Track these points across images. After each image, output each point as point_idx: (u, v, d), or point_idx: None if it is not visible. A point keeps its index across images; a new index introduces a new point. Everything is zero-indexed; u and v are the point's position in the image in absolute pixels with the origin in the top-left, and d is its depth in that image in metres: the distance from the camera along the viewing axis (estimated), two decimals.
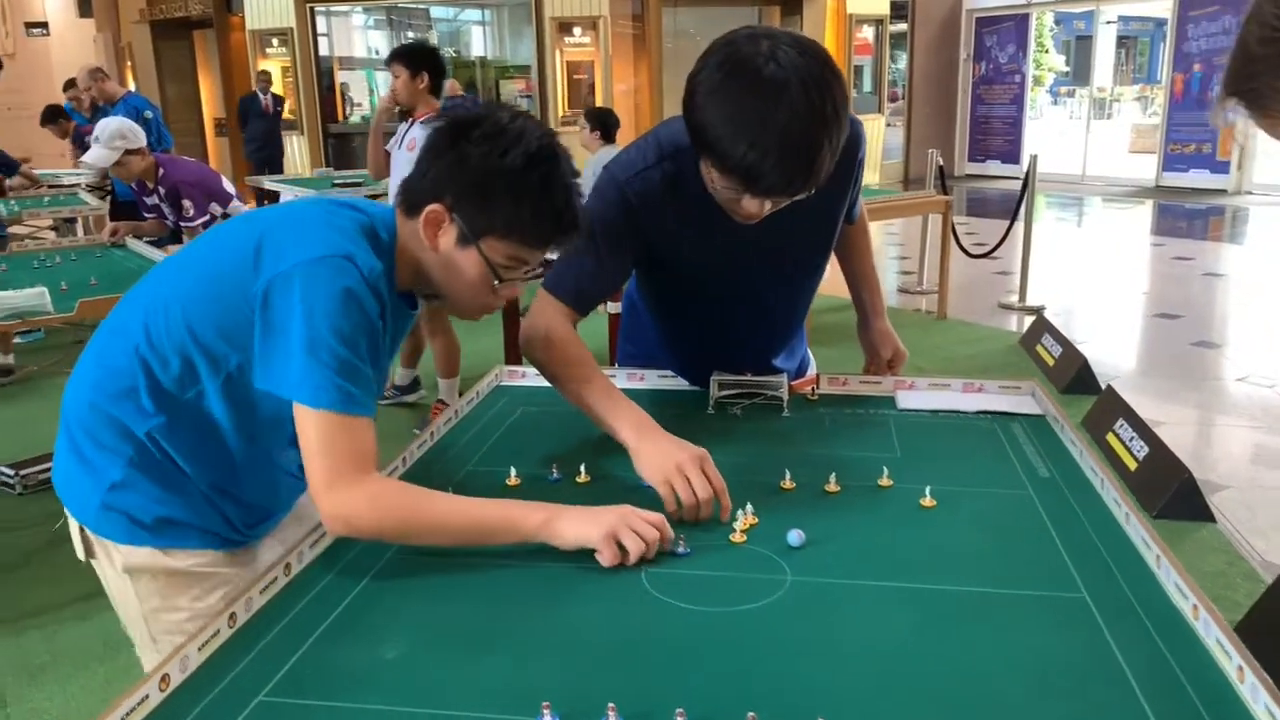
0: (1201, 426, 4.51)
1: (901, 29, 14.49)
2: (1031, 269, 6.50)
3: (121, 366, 1.29)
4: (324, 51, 12.61)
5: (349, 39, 13.50)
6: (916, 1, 14.33)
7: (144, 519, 1.33)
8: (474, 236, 1.28)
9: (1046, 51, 21.19)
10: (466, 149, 1.26)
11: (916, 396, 1.75)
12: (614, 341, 3.46)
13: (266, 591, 1.13)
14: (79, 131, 7.63)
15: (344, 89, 12.95)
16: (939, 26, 14.58)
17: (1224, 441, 4.33)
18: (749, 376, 1.72)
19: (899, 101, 14.94)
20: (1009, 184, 12.50)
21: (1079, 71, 22.67)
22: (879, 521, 1.29)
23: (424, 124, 3.56)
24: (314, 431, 1.19)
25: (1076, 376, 4.63)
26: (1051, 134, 17.55)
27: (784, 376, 1.73)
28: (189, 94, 14.30)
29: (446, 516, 1.21)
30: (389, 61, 4.22)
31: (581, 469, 1.43)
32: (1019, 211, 6.48)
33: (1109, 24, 18.66)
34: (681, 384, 1.83)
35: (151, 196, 4.31)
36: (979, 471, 1.45)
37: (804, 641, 1.02)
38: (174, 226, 4.38)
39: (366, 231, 1.28)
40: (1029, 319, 5.97)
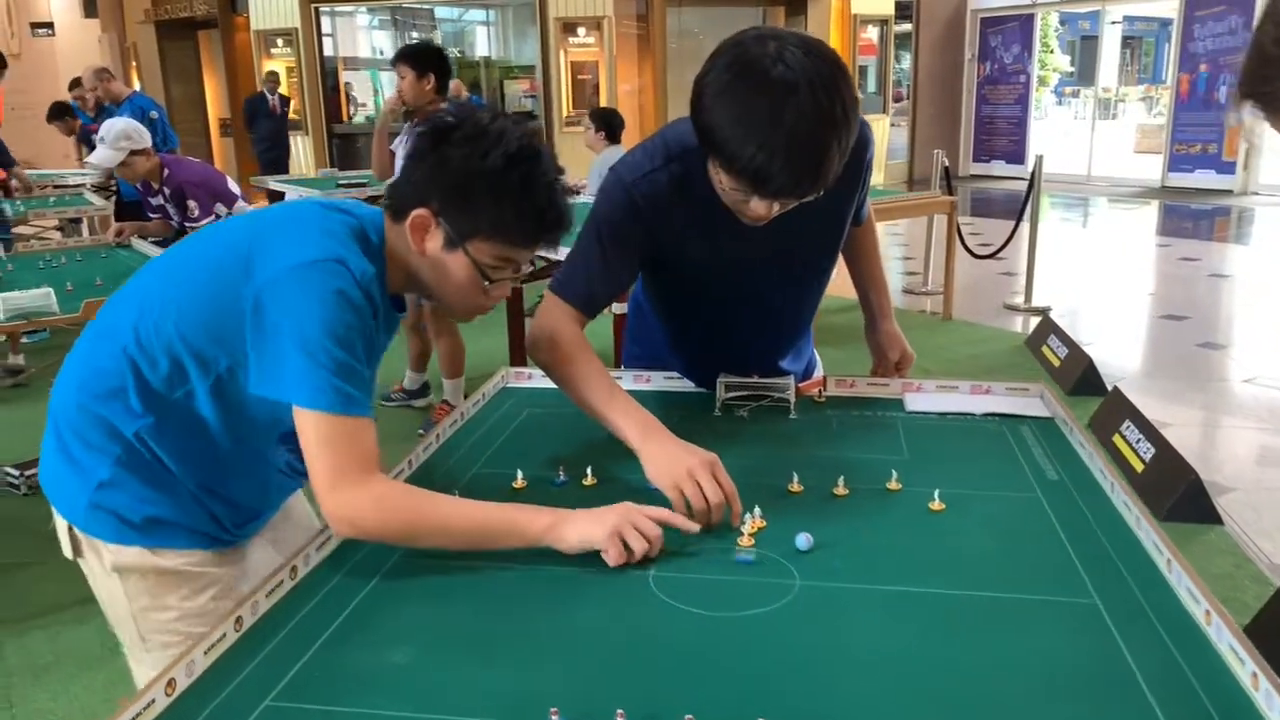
0: (1208, 428, 4.50)
1: (906, 29, 14.47)
2: (1037, 270, 6.49)
3: (109, 367, 1.29)
4: (328, 51, 12.63)
5: (353, 39, 13.52)
6: (921, 2, 14.31)
7: (132, 518, 1.33)
8: (460, 239, 1.29)
9: (1051, 52, 21.15)
10: (448, 152, 1.26)
11: (924, 399, 1.75)
12: (619, 342, 3.45)
13: (273, 595, 1.12)
14: (84, 130, 7.64)
15: (348, 89, 12.96)
16: (944, 27, 14.56)
17: (1230, 443, 4.32)
18: (756, 378, 1.71)
19: (903, 102, 14.93)
20: (1013, 184, 12.48)
21: (1084, 72, 22.63)
22: (888, 525, 1.28)
23: None
24: (315, 433, 1.19)
25: (1082, 378, 4.62)
26: (1056, 134, 17.51)
27: (791, 378, 1.72)
28: (194, 94, 14.34)
29: (452, 519, 1.21)
30: (394, 62, 4.20)
31: (588, 472, 1.43)
32: (1024, 212, 6.46)
33: (1114, 24, 18.58)
34: (688, 386, 1.82)
35: (157, 197, 4.31)
36: (988, 474, 1.45)
37: (813, 647, 1.02)
38: (179, 227, 4.37)
39: (357, 235, 1.28)
40: (1034, 320, 5.96)
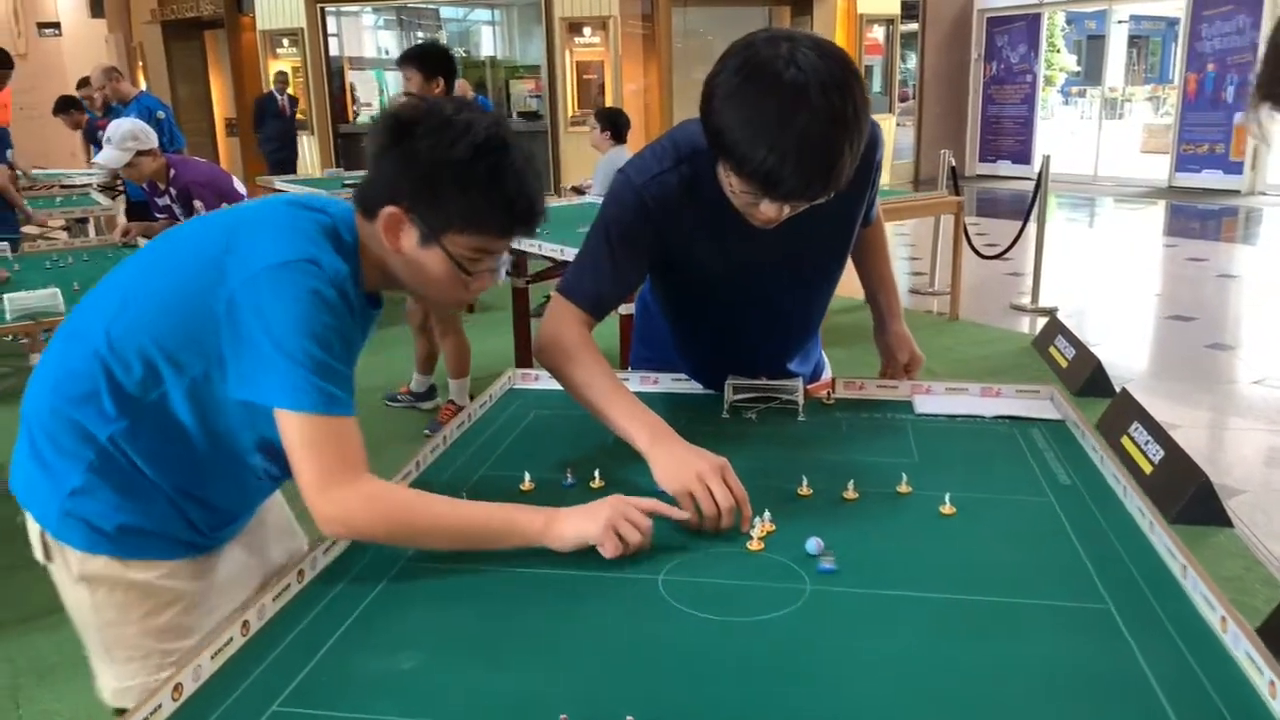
0: (1216, 430, 4.48)
1: (912, 29, 14.45)
2: (1044, 270, 6.46)
3: (82, 370, 1.26)
4: (334, 51, 12.64)
5: (359, 39, 13.53)
6: (927, 1, 14.29)
7: (104, 527, 1.29)
8: (434, 234, 1.25)
9: (1058, 51, 21.10)
10: (413, 147, 1.23)
11: (934, 401, 1.74)
12: (626, 343, 3.44)
13: (279, 599, 1.12)
14: (91, 125, 7.64)
15: (352, 89, 12.96)
16: (950, 26, 14.53)
17: (1239, 445, 4.29)
18: (764, 380, 1.70)
19: (909, 101, 14.90)
20: (1020, 184, 12.45)
21: (1090, 71, 22.56)
22: (899, 530, 1.27)
23: None
24: (298, 435, 1.17)
25: (1090, 379, 4.60)
26: (1063, 134, 17.46)
27: (799, 380, 1.71)
28: (200, 94, 14.36)
29: (445, 519, 1.20)
30: (401, 64, 4.18)
31: (596, 474, 1.42)
32: (1031, 212, 6.44)
33: (1121, 23, 18.59)
34: (695, 387, 1.81)
35: (163, 197, 4.32)
36: (999, 478, 1.44)
37: (823, 652, 1.01)
38: None
39: (329, 233, 1.25)
40: (1041, 320, 5.93)
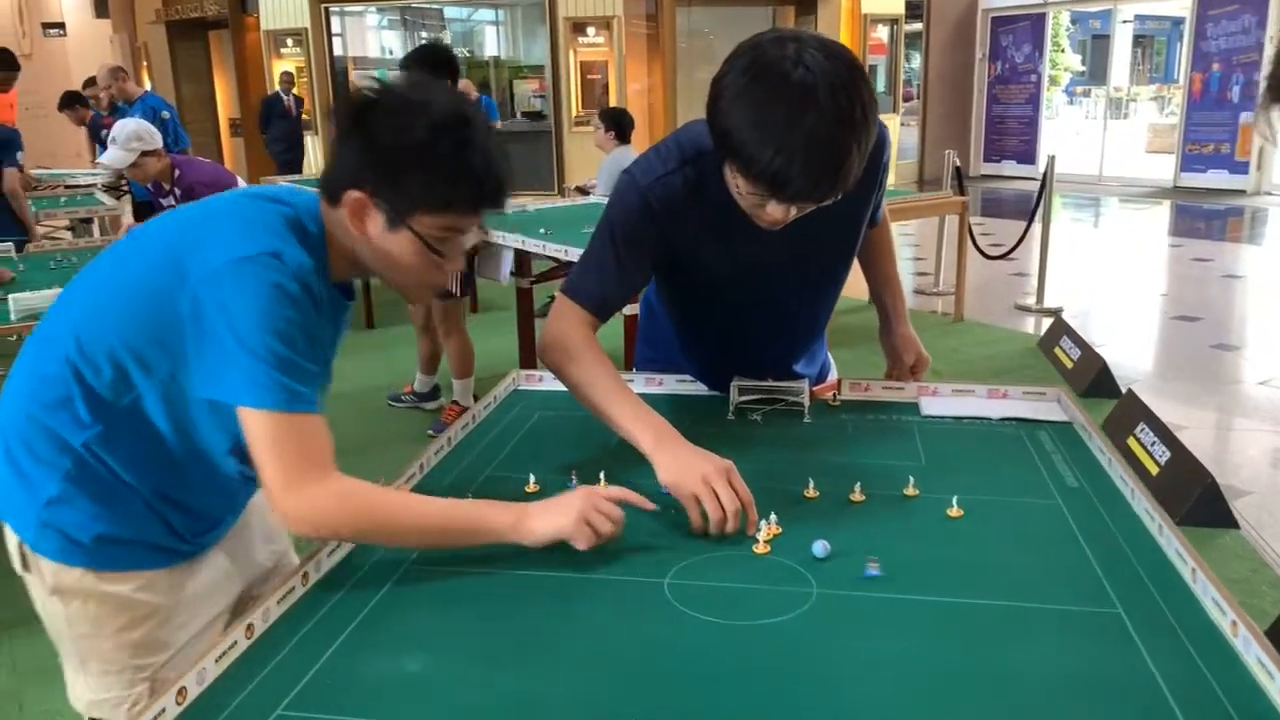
0: (1222, 431, 4.46)
1: (916, 28, 14.42)
2: (1049, 270, 6.45)
3: (54, 374, 1.24)
4: (338, 51, 12.65)
5: (363, 39, 13.53)
6: (931, 1, 14.26)
7: (81, 538, 1.27)
8: (401, 217, 1.23)
9: (1062, 51, 21.04)
10: (373, 129, 1.21)
11: (940, 403, 1.73)
12: (630, 344, 3.43)
13: (284, 602, 1.11)
14: (95, 123, 7.65)
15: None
16: (954, 26, 14.51)
17: (1246, 446, 4.28)
18: (770, 382, 1.70)
19: (913, 101, 14.87)
20: (1024, 184, 12.43)
21: (1095, 71, 22.51)
22: (906, 533, 1.27)
23: None
24: (262, 433, 1.16)
25: (1096, 380, 4.58)
26: (1068, 134, 17.44)
27: (805, 382, 1.71)
28: (204, 94, 14.38)
29: (415, 516, 1.19)
30: (405, 66, 4.18)
31: (600, 476, 1.41)
32: (1036, 212, 6.42)
33: (1126, 23, 18.55)
34: (701, 389, 1.80)
35: (168, 197, 4.32)
36: (1006, 480, 1.43)
37: (830, 656, 1.00)
38: None
39: (292, 225, 1.23)
40: (1046, 321, 5.92)
